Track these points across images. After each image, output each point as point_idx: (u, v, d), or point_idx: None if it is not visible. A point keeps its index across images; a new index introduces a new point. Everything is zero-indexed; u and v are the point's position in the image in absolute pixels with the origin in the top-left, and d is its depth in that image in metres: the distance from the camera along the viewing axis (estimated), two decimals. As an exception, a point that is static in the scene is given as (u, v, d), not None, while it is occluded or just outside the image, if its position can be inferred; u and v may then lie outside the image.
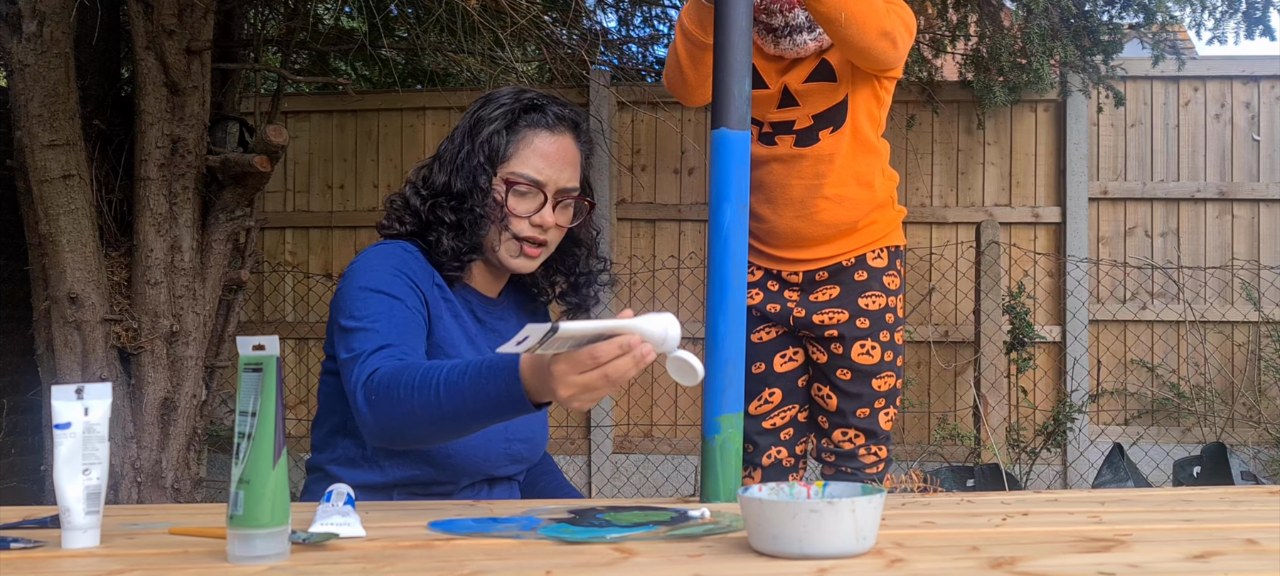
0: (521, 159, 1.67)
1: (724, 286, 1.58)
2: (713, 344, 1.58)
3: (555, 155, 1.67)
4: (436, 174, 1.70)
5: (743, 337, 1.59)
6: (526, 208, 1.66)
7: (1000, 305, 4.94)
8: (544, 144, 1.67)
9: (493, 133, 1.66)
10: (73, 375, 3.48)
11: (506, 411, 1.36)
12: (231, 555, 1.04)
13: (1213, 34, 4.58)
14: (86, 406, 1.17)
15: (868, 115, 2.09)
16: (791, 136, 2.08)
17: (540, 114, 1.69)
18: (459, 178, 1.66)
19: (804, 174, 2.07)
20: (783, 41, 2.06)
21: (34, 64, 3.40)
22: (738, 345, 1.58)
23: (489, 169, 1.66)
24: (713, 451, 1.56)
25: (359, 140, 5.39)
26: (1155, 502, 1.40)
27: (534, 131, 1.68)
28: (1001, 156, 5.11)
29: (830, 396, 2.16)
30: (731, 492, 1.55)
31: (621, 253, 5.21)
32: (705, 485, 1.57)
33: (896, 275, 2.18)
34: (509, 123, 1.67)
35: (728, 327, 1.58)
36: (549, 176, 1.67)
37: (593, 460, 5.18)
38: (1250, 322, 4.96)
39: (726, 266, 1.58)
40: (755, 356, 2.16)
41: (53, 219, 3.46)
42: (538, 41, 4.70)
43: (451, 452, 1.62)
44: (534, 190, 1.66)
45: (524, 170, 1.66)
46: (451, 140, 1.71)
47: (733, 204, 1.58)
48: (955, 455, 4.92)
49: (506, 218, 1.66)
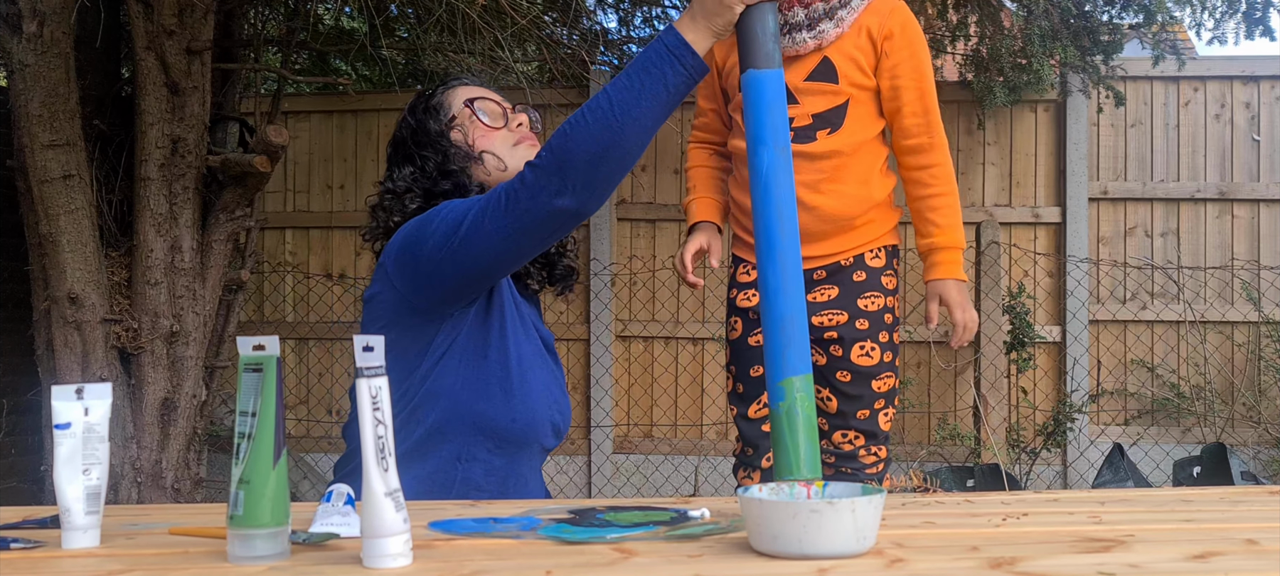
0: (457, 96, 1.79)
1: (771, 237, 1.42)
2: (768, 301, 1.41)
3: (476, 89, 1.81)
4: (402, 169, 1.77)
5: (801, 291, 1.41)
6: (500, 120, 1.78)
7: (1000, 305, 4.94)
8: (463, 89, 1.81)
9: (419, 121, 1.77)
10: (73, 375, 3.48)
11: (671, 69, 1.41)
12: (231, 555, 1.04)
13: (1213, 34, 4.58)
14: (86, 406, 1.17)
15: (868, 120, 2.09)
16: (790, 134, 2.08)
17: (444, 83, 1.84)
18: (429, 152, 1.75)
19: (802, 170, 2.06)
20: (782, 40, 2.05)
21: (34, 64, 3.40)
22: (795, 299, 1.41)
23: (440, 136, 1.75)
24: (779, 421, 1.37)
25: (359, 140, 5.39)
26: (1155, 502, 1.40)
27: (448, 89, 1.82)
28: (1001, 156, 5.11)
29: (830, 398, 2.16)
30: (807, 465, 1.36)
31: (621, 253, 5.21)
32: (777, 461, 1.38)
33: (894, 275, 2.18)
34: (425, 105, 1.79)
35: (780, 280, 1.40)
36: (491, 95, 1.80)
37: (593, 460, 5.18)
38: (1250, 322, 4.96)
39: (771, 214, 1.42)
40: (754, 359, 2.16)
41: (53, 219, 3.46)
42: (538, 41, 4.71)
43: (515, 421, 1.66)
44: (488, 101, 1.78)
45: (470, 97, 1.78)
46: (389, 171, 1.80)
47: (769, 146, 1.43)
48: (955, 455, 4.92)
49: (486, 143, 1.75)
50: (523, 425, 1.68)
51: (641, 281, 5.20)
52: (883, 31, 2.03)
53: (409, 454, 1.63)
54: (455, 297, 1.61)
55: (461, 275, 1.55)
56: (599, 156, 1.42)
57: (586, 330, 5.17)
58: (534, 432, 1.70)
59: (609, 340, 5.17)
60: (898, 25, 2.04)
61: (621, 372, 5.20)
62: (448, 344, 1.63)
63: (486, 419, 1.65)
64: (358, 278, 5.35)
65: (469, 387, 1.64)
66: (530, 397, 1.68)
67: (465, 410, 1.64)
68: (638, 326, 5.21)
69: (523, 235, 1.49)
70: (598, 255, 5.13)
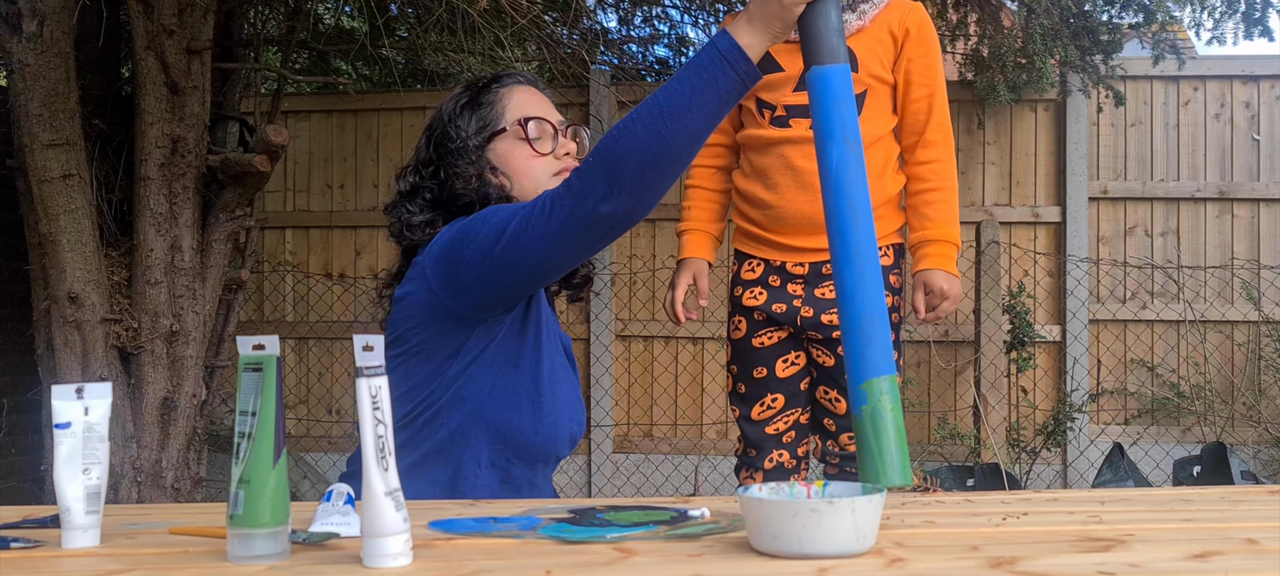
0: (512, 110, 1.69)
1: (846, 234, 1.37)
2: (846, 300, 1.37)
3: (538, 98, 1.72)
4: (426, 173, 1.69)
5: (880, 288, 1.37)
6: (548, 145, 1.69)
7: (1000, 305, 4.94)
8: (522, 93, 1.72)
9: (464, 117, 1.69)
10: (73, 375, 3.48)
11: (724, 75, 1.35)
12: (231, 555, 1.04)
13: (1212, 34, 4.59)
14: (86, 406, 1.17)
15: (884, 114, 2.10)
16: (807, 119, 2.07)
17: (502, 78, 1.74)
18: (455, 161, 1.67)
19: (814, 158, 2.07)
20: None
21: (34, 64, 3.39)
22: (875, 297, 1.36)
23: (480, 145, 1.67)
24: (863, 425, 1.32)
25: (359, 140, 5.39)
26: (1155, 502, 1.40)
27: (506, 88, 1.72)
28: (1001, 156, 5.11)
29: (837, 400, 2.15)
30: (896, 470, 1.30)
31: (622, 253, 5.21)
32: (862, 467, 1.33)
33: (899, 275, 2.18)
34: (474, 101, 1.71)
35: (857, 278, 1.36)
36: (547, 112, 1.71)
37: (593, 460, 5.18)
38: (1250, 322, 4.96)
39: (845, 211, 1.38)
40: (758, 361, 2.16)
41: (53, 218, 3.46)
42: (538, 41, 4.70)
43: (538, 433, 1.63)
44: (544, 125, 1.69)
45: (524, 112, 1.68)
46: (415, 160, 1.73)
47: (838, 142, 1.39)
48: (955, 455, 4.92)
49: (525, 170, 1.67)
50: (546, 438, 1.65)
51: (641, 281, 5.20)
52: (902, 28, 2.09)
53: (429, 456, 1.61)
54: (495, 305, 1.57)
55: (502, 284, 1.52)
56: (648, 163, 1.37)
57: (586, 330, 5.17)
58: (554, 446, 1.68)
59: (609, 340, 5.17)
60: (916, 23, 2.10)
61: (621, 372, 5.20)
62: (480, 349, 1.59)
63: (511, 429, 1.61)
64: (358, 277, 5.35)
65: (496, 396, 1.60)
66: (556, 411, 1.65)
67: (490, 418, 1.60)
68: (638, 326, 5.21)
69: (567, 242, 1.44)
70: (597, 255, 5.12)
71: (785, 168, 2.09)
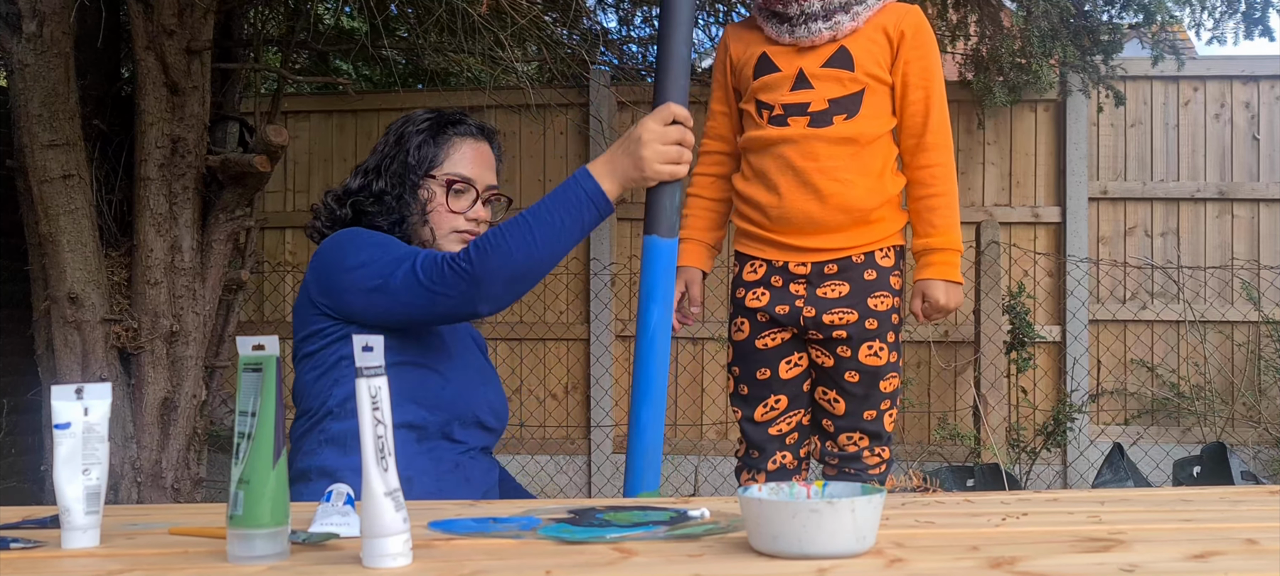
0: (453, 162, 1.88)
1: (649, 382, 1.74)
2: (636, 430, 1.72)
3: (481, 158, 1.91)
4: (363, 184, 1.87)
5: (662, 426, 1.76)
6: (463, 204, 1.87)
7: (1000, 305, 4.94)
8: (470, 149, 1.90)
9: (421, 142, 1.87)
10: (73, 375, 3.48)
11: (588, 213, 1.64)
12: (231, 555, 1.04)
13: (1212, 34, 4.58)
14: (86, 406, 1.17)
15: (883, 113, 2.10)
16: (806, 117, 2.07)
17: (463, 125, 1.92)
18: (389, 182, 1.85)
19: (818, 155, 2.06)
20: (798, 30, 2.06)
21: (34, 64, 3.40)
22: (658, 433, 1.76)
23: (418, 172, 1.85)
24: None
25: (359, 140, 5.39)
26: (1155, 502, 1.40)
27: (460, 138, 1.90)
28: (1001, 156, 5.11)
29: (837, 400, 2.15)
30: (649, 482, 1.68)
31: (621, 253, 5.21)
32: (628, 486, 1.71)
33: (900, 276, 2.17)
34: (434, 133, 1.89)
35: (650, 416, 1.72)
36: (478, 175, 1.89)
37: (593, 460, 5.18)
38: (1250, 322, 4.96)
39: (652, 364, 1.75)
40: (761, 362, 2.15)
41: (53, 219, 3.46)
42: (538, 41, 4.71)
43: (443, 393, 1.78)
44: (468, 188, 1.88)
45: (458, 170, 1.88)
46: (376, 153, 1.91)
47: (660, 304, 1.74)
48: (955, 455, 4.92)
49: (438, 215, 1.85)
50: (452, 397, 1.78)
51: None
52: (897, 30, 2.08)
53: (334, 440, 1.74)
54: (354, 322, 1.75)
55: (376, 321, 1.70)
56: (516, 278, 1.63)
57: (586, 330, 5.17)
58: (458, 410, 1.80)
59: (609, 340, 5.17)
60: (912, 26, 2.09)
61: (621, 372, 5.20)
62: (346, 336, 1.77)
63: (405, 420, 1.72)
64: (358, 277, 5.34)
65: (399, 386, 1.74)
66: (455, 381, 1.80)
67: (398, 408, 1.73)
68: (638, 326, 5.20)
69: (434, 317, 1.68)
70: (598, 255, 5.13)
71: (785, 168, 2.09)
